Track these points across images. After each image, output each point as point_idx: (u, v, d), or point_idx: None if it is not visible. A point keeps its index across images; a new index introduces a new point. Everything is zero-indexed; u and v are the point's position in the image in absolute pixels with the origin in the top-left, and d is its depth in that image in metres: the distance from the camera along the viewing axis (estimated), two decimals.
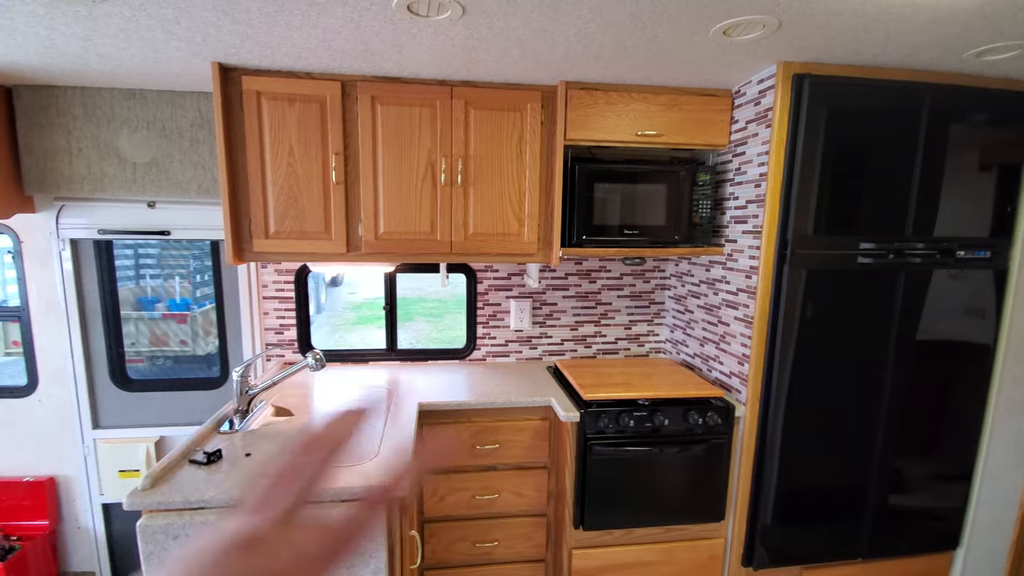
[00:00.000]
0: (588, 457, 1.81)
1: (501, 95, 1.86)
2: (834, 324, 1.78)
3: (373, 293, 9.29)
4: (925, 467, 1.94)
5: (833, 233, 1.73)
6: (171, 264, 3.42)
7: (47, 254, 2.07)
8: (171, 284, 3.38)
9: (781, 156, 1.70)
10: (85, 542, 2.26)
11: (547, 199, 1.97)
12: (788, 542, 1.90)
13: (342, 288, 9.66)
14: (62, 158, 1.94)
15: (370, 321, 7.82)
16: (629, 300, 2.51)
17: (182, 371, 2.86)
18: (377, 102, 1.81)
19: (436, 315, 8.70)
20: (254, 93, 1.74)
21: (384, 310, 2.37)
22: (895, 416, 1.86)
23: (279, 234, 1.83)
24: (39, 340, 2.12)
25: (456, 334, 7.01)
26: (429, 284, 10.01)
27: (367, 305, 8.88)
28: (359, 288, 9.60)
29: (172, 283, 3.39)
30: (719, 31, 1.44)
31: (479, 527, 1.96)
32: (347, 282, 9.76)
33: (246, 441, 1.51)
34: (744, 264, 1.86)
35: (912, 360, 1.84)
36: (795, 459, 1.84)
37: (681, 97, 1.91)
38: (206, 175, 2.02)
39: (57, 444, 2.18)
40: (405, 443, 1.52)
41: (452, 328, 7.36)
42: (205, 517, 1.18)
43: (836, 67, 1.68)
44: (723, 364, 2.00)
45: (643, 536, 1.92)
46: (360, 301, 9.10)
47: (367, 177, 1.85)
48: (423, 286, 10.10)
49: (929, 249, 1.80)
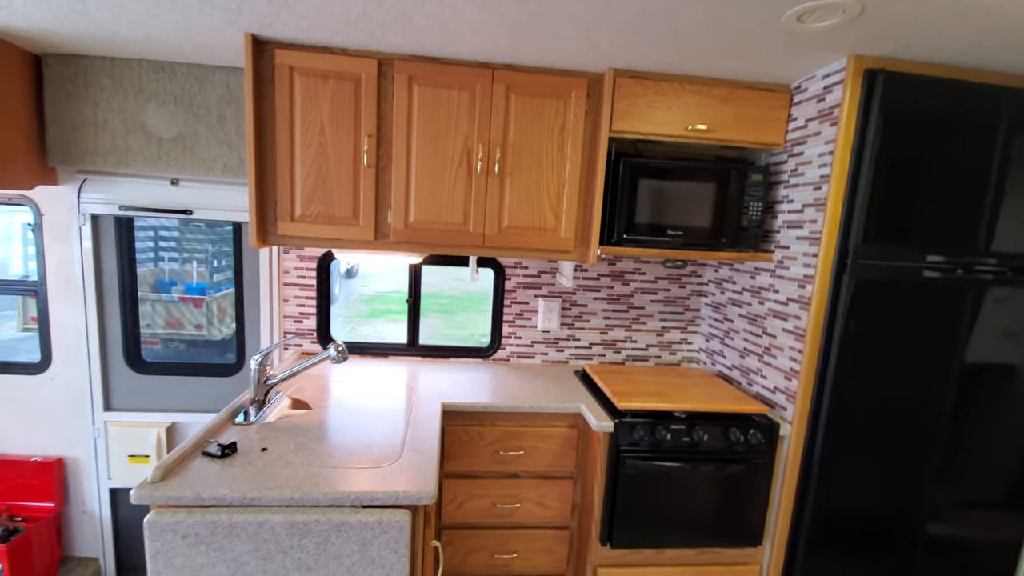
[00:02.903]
0: (620, 470, 1.69)
1: (545, 81, 1.76)
2: (889, 340, 1.64)
3: (386, 287, 9.27)
4: (978, 497, 1.79)
5: (897, 243, 1.60)
6: (189, 248, 3.38)
7: (67, 229, 2.01)
8: (188, 268, 3.33)
9: (847, 158, 1.57)
10: (90, 527, 2.20)
11: (587, 194, 1.86)
12: (829, 572, 1.77)
13: (355, 280, 9.63)
14: (87, 130, 1.87)
15: (382, 315, 7.78)
16: (663, 305, 2.38)
17: (196, 355, 2.81)
18: (414, 82, 1.71)
19: (449, 311, 8.62)
20: (287, 68, 1.66)
21: (407, 303, 2.27)
22: (947, 442, 1.72)
23: (305, 218, 1.75)
24: (54, 317, 2.07)
25: (470, 332, 6.92)
26: (442, 280, 9.95)
27: (379, 299, 8.84)
28: (372, 281, 9.56)
29: (190, 267, 3.34)
30: (792, 16, 1.32)
31: (498, 536, 1.86)
32: (361, 274, 9.74)
33: (262, 434, 1.42)
34: (797, 272, 1.73)
35: (969, 382, 1.70)
36: (839, 484, 1.70)
37: (738, 91, 1.79)
38: (232, 154, 1.95)
39: (67, 424, 2.12)
40: (430, 445, 1.42)
41: (465, 326, 7.27)
42: (217, 516, 1.09)
43: (911, 64, 1.56)
44: (766, 378, 1.88)
45: (674, 557, 1.80)
46: (372, 294, 9.05)
47: (399, 162, 1.75)
48: (436, 282, 10.03)
49: (1001, 266, 1.66)
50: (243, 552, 1.11)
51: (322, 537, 1.12)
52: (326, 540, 1.12)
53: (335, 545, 1.12)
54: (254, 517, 1.10)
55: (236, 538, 1.10)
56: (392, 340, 2.35)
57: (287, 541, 1.11)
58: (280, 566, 1.12)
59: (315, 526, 1.11)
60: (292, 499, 1.13)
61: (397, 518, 1.13)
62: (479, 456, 1.80)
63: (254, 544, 1.10)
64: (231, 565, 1.11)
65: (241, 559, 1.11)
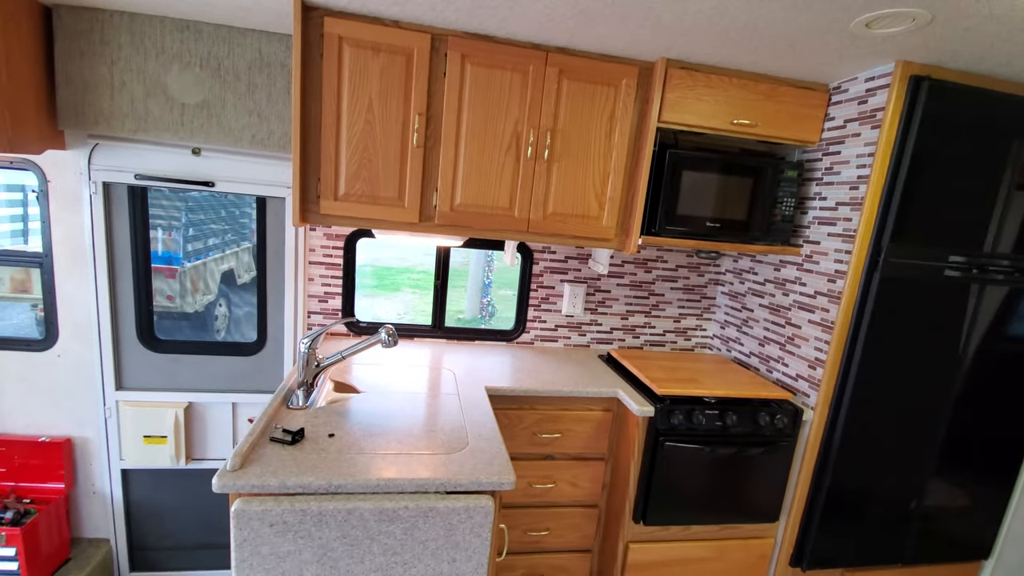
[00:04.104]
0: (658, 453, 1.77)
1: (597, 67, 1.74)
2: (910, 333, 1.76)
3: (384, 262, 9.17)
4: (972, 478, 1.98)
5: (925, 244, 1.70)
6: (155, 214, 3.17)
7: (76, 197, 1.87)
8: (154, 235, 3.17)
9: (886, 159, 1.64)
10: (100, 508, 2.12)
11: (630, 183, 1.88)
12: (837, 545, 1.92)
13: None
14: (103, 91, 1.73)
15: (383, 290, 7.76)
16: (682, 293, 2.45)
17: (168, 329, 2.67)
18: (467, 61, 1.66)
19: (424, 287, 8.55)
20: (336, 38, 1.57)
21: (435, 285, 2.25)
22: (952, 427, 1.88)
23: (349, 196, 1.69)
24: (61, 290, 1.94)
25: (456, 308, 6.89)
26: (414, 254, 9.80)
27: (373, 273, 8.69)
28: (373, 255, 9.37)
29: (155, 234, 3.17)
30: (862, 22, 1.36)
31: (532, 515, 1.91)
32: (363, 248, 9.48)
33: (321, 419, 1.40)
34: (827, 267, 1.82)
35: (974, 374, 1.85)
36: (851, 465, 1.84)
37: (780, 88, 1.83)
38: (261, 124, 1.85)
39: (76, 404, 2.02)
40: (492, 430, 1.44)
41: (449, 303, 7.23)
42: (307, 504, 1.08)
43: (954, 73, 1.63)
44: (788, 366, 1.98)
45: (699, 533, 1.91)
46: (368, 270, 8.85)
47: (448, 143, 1.71)
48: (408, 255, 9.87)
49: (1011, 267, 1.79)
50: (331, 539, 1.11)
51: (410, 523, 1.13)
52: (413, 526, 1.13)
53: (422, 530, 1.14)
54: (343, 504, 1.10)
55: (325, 525, 1.10)
56: (413, 321, 2.33)
57: (375, 527, 1.12)
58: (367, 551, 1.13)
59: (404, 512, 1.12)
60: (378, 486, 1.13)
61: (482, 503, 1.16)
62: (518, 439, 1.84)
63: (342, 531, 1.11)
64: (317, 552, 1.11)
65: (328, 545, 1.11)
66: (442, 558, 1.16)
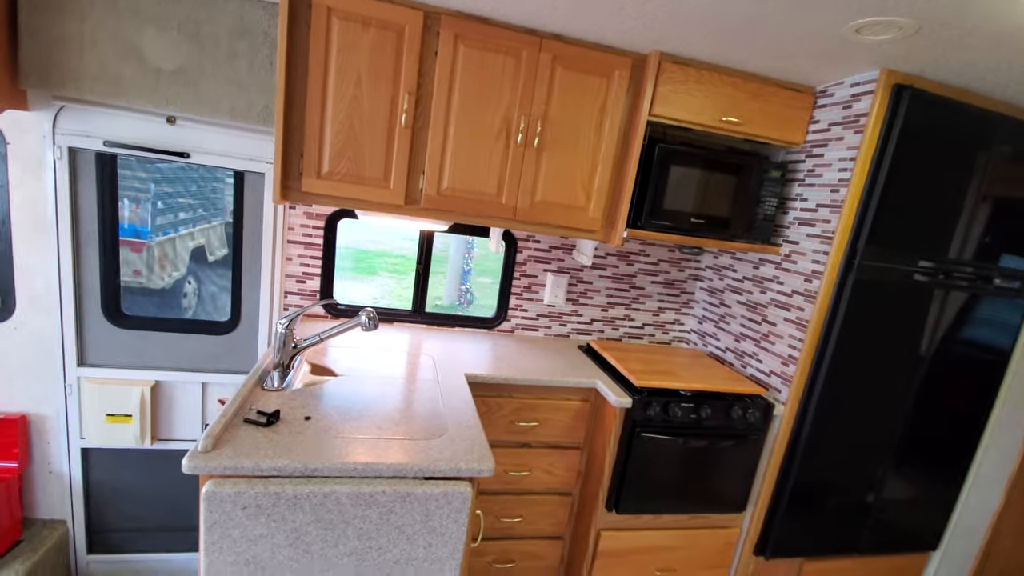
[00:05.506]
0: (633, 443, 1.79)
1: (591, 56, 1.73)
2: (876, 334, 1.82)
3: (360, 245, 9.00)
4: (928, 473, 2.07)
5: (898, 248, 1.76)
6: (127, 187, 3.01)
7: (39, 162, 1.76)
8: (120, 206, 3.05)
9: (867, 165, 1.69)
10: (57, 488, 2.04)
11: (618, 175, 1.88)
12: (798, 534, 1.99)
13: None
14: (72, 49, 1.63)
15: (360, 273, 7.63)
16: (662, 287, 2.48)
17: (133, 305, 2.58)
18: (460, 42, 1.63)
19: (400, 271, 8.45)
20: (325, 8, 1.52)
21: (416, 269, 2.22)
22: (909, 425, 1.96)
23: (332, 175, 1.65)
24: (19, 259, 1.83)
25: (434, 294, 6.83)
26: (391, 237, 9.66)
27: (351, 256, 8.52)
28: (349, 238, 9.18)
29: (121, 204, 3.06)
30: (853, 28, 1.38)
31: (506, 502, 1.92)
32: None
33: (298, 401, 1.37)
34: (804, 267, 1.86)
35: (933, 376, 1.93)
36: (816, 459, 1.90)
37: (768, 87, 1.85)
38: (241, 95, 1.77)
39: (33, 379, 1.92)
40: (472, 417, 1.43)
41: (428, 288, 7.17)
42: (281, 487, 1.06)
43: (934, 84, 1.67)
44: (762, 362, 2.03)
45: (669, 522, 1.95)
46: (347, 252, 8.67)
47: (437, 124, 1.68)
48: (384, 238, 9.72)
49: (973, 274, 1.87)
50: (305, 523, 1.09)
51: (387, 508, 1.12)
52: (390, 510, 1.12)
53: (398, 515, 1.13)
54: (319, 488, 1.08)
55: (299, 509, 1.07)
56: (390, 306, 2.29)
57: (351, 511, 1.10)
58: (341, 535, 1.11)
59: (381, 496, 1.11)
60: (356, 470, 1.11)
61: (461, 489, 1.15)
62: (496, 426, 1.84)
63: (317, 515, 1.09)
64: (291, 535, 1.09)
65: (302, 529, 1.09)
66: (418, 543, 1.16)
